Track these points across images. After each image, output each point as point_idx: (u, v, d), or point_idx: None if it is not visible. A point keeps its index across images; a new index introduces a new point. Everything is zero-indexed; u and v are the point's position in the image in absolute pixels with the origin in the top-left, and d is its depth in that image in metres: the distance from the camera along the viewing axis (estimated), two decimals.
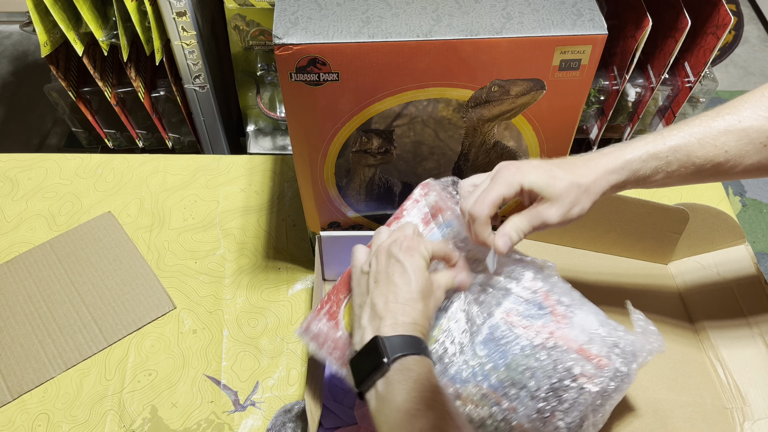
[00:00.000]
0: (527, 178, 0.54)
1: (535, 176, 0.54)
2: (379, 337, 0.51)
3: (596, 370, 0.55)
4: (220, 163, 1.02)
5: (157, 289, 0.86)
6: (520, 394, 0.56)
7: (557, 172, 0.54)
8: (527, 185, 0.54)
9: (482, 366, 0.57)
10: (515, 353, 0.56)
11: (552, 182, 0.53)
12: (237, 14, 1.07)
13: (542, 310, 0.57)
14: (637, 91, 1.26)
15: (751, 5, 2.30)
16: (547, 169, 0.54)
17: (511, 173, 0.54)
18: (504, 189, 0.54)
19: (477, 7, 0.59)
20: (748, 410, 0.70)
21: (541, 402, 0.55)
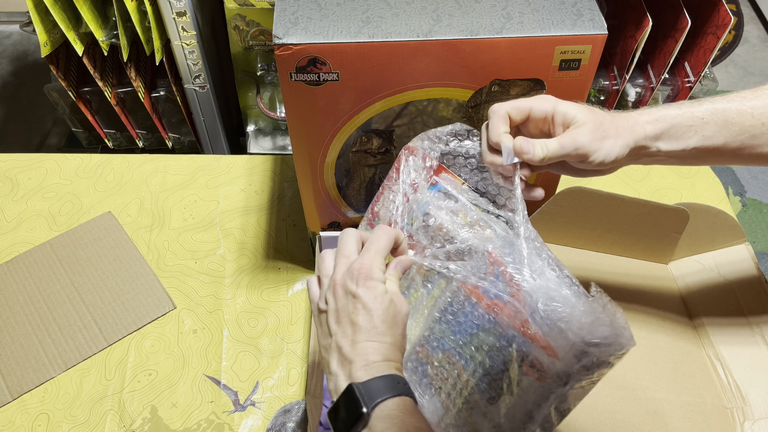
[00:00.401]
0: (561, 104, 0.53)
1: (571, 105, 0.53)
2: (354, 385, 0.48)
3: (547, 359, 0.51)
4: (220, 163, 1.02)
5: (157, 289, 0.86)
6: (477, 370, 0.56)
7: (594, 108, 0.53)
8: (561, 109, 0.52)
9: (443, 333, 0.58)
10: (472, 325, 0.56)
11: (587, 110, 0.52)
12: (237, 14, 1.07)
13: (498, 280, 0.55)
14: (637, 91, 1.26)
15: (751, 5, 2.30)
16: (586, 105, 0.53)
17: (545, 97, 0.53)
18: (535, 103, 0.53)
19: (477, 7, 0.59)
20: (748, 410, 0.70)
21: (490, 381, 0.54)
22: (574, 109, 0.52)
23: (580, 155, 0.52)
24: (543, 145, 0.52)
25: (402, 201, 0.61)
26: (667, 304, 0.82)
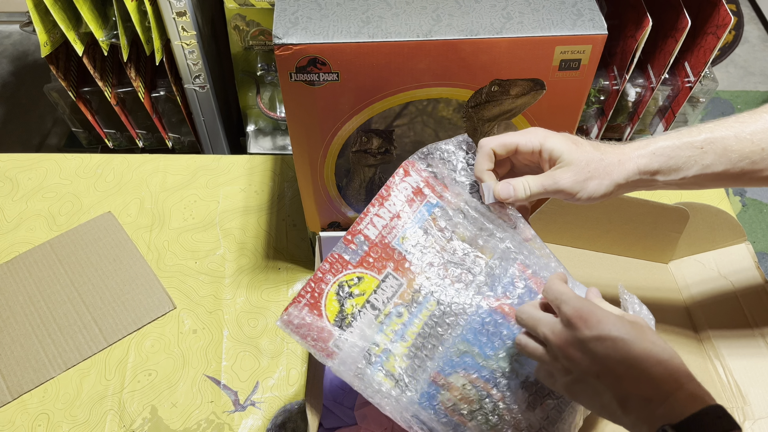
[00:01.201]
0: (549, 140, 0.52)
1: (558, 141, 0.52)
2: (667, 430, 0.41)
3: None
4: (220, 163, 1.02)
5: (157, 289, 0.86)
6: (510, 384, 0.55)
7: (583, 143, 0.52)
8: (548, 146, 0.52)
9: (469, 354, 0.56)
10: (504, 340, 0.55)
11: (574, 148, 0.51)
12: (237, 14, 1.07)
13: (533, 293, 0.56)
14: (637, 91, 1.26)
15: (751, 5, 2.30)
16: (574, 139, 0.53)
17: (535, 130, 0.53)
18: (522, 139, 0.53)
19: (477, 7, 0.59)
20: (748, 410, 0.70)
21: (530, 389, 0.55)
22: (561, 146, 0.52)
23: (564, 195, 0.53)
24: (525, 185, 0.53)
25: (392, 220, 0.59)
26: (667, 304, 0.82)
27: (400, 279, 0.57)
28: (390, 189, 0.59)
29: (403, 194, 0.59)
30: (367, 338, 0.56)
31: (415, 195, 0.59)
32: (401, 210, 0.59)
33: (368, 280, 0.58)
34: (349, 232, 0.58)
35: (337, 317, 0.57)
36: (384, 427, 0.70)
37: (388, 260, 0.58)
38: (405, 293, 0.57)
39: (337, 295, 0.57)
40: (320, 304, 0.57)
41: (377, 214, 0.58)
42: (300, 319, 0.56)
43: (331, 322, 0.56)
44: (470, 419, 0.56)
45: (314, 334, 0.56)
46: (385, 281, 0.57)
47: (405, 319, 0.56)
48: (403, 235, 0.58)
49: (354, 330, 0.56)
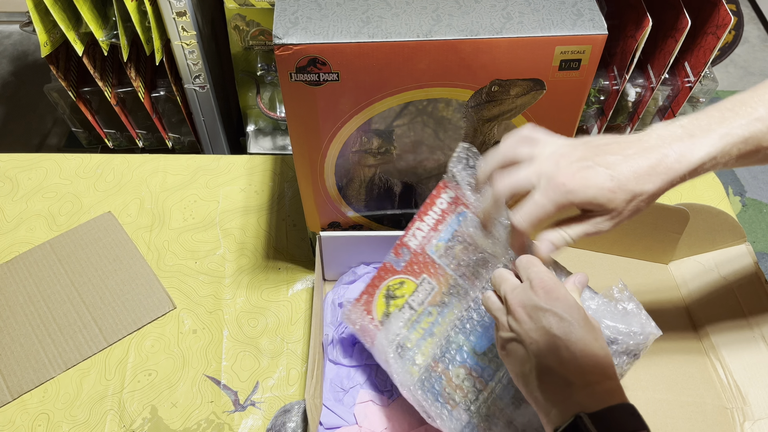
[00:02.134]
0: (583, 194, 0.47)
1: (594, 192, 0.47)
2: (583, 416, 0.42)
3: None
4: (220, 163, 1.02)
5: (157, 289, 0.86)
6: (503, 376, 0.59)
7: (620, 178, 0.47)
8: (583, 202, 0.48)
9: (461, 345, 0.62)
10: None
11: (612, 196, 0.47)
12: (237, 14, 1.07)
13: None
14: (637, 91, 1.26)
15: (751, 5, 2.30)
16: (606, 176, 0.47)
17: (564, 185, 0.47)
18: (552, 207, 0.48)
19: (477, 7, 0.59)
20: (748, 410, 0.70)
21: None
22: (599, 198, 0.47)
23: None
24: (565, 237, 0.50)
25: (429, 231, 0.66)
26: (668, 305, 0.82)
27: (433, 283, 0.65)
28: (428, 205, 0.66)
29: (439, 208, 0.66)
30: (398, 333, 0.65)
31: (448, 208, 0.65)
32: (437, 222, 0.66)
33: (408, 284, 0.67)
34: (397, 244, 0.68)
35: (383, 315, 0.68)
36: (384, 427, 0.70)
37: (425, 267, 0.66)
38: (436, 296, 0.65)
39: (385, 297, 0.68)
40: (371, 307, 0.69)
41: (418, 228, 0.67)
42: (357, 315, 0.70)
43: (378, 319, 0.68)
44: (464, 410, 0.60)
45: (364, 328, 0.69)
46: (421, 285, 0.66)
47: (434, 318, 0.64)
48: (437, 244, 0.65)
49: (394, 321, 0.66)
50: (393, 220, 0.80)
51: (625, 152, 0.48)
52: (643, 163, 0.47)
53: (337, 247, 0.79)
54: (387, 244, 0.78)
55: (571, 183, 0.47)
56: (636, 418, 0.43)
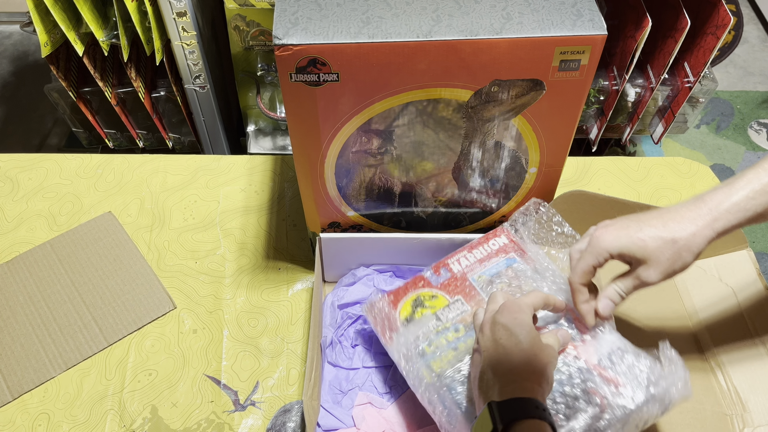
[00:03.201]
0: (614, 244, 0.54)
1: (624, 241, 0.54)
2: (492, 404, 0.49)
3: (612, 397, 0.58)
4: (221, 163, 1.02)
5: (158, 289, 0.86)
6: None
7: (648, 231, 0.53)
8: (616, 252, 0.54)
9: None
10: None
11: (642, 245, 0.53)
12: (237, 14, 1.07)
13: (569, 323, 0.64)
14: (636, 91, 1.26)
15: (750, 5, 2.30)
16: (637, 228, 0.54)
17: (598, 240, 0.55)
18: (592, 259, 0.56)
19: (477, 8, 0.59)
20: (748, 417, 0.70)
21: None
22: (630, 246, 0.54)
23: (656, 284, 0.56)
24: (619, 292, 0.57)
25: (475, 263, 0.71)
26: (668, 310, 0.81)
27: (466, 306, 0.68)
28: (481, 242, 0.73)
29: (491, 248, 0.72)
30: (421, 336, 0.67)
31: (500, 250, 0.72)
32: (486, 258, 0.72)
33: (441, 299, 0.70)
34: (438, 264, 0.72)
35: (406, 318, 0.69)
36: (382, 429, 0.70)
37: (462, 290, 0.70)
38: (466, 318, 0.67)
39: (413, 303, 0.70)
40: (399, 302, 0.71)
41: (465, 257, 0.72)
42: (380, 309, 0.71)
43: (400, 319, 0.70)
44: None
45: (384, 320, 0.70)
46: (454, 304, 0.69)
47: (461, 335, 0.66)
48: (479, 275, 0.70)
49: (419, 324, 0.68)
50: (393, 220, 0.80)
51: (662, 216, 0.54)
52: (675, 215, 0.53)
53: (338, 249, 0.79)
54: (387, 246, 0.79)
55: (606, 236, 0.55)
56: (539, 410, 0.49)
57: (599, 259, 0.56)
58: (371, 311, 0.72)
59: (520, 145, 0.69)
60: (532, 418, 0.48)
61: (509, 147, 0.69)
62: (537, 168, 0.72)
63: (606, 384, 0.58)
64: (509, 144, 0.69)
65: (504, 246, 0.72)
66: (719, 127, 1.90)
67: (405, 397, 0.73)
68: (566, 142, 0.69)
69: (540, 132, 0.67)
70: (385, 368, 0.75)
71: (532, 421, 0.48)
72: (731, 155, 1.84)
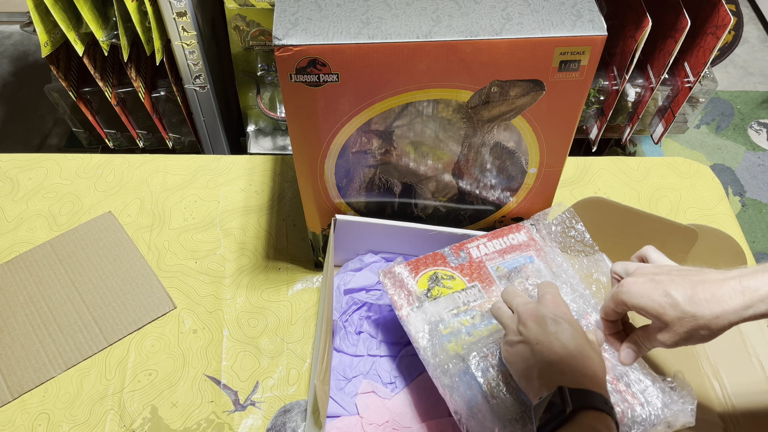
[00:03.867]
0: (637, 301, 0.55)
1: (646, 301, 0.54)
2: (564, 388, 0.50)
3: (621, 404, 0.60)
4: (221, 163, 1.02)
5: (158, 289, 0.87)
6: None
7: (674, 295, 0.52)
8: (636, 308, 0.56)
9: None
10: None
11: (662, 311, 0.53)
12: (237, 14, 1.07)
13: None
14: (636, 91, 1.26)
15: (750, 5, 2.30)
16: (663, 291, 0.53)
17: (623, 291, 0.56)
18: (611, 305, 0.59)
19: (477, 8, 0.59)
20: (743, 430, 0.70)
21: None
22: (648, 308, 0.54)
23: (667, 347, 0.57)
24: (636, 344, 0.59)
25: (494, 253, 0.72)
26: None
27: (484, 294, 0.69)
28: (503, 233, 0.74)
29: (511, 242, 0.73)
30: (439, 315, 0.67)
31: (520, 246, 0.73)
32: (505, 251, 0.72)
33: (458, 281, 0.70)
34: (457, 245, 0.72)
35: (424, 291, 0.69)
36: (385, 419, 0.70)
37: (479, 277, 0.70)
38: (483, 305, 0.68)
39: (430, 278, 0.70)
40: (418, 273, 0.70)
41: (484, 244, 0.72)
42: (398, 272, 0.70)
43: (417, 292, 0.69)
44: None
45: (402, 288, 0.69)
46: (471, 289, 0.69)
47: (476, 321, 0.66)
48: (498, 266, 0.71)
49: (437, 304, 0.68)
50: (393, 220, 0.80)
51: (694, 283, 0.52)
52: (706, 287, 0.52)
53: (351, 232, 0.78)
54: (400, 235, 0.78)
55: (631, 289, 0.56)
56: (608, 406, 0.50)
57: (621, 309, 0.58)
58: (389, 276, 0.71)
59: (520, 145, 0.69)
60: (601, 411, 0.49)
61: (509, 147, 0.69)
62: (537, 168, 0.72)
63: (622, 401, 0.60)
64: (509, 144, 0.69)
65: (524, 243, 0.73)
66: (719, 127, 1.90)
67: (409, 389, 0.73)
68: (566, 143, 0.69)
69: (540, 132, 0.67)
70: (390, 358, 0.75)
71: (600, 413, 0.49)
72: (731, 155, 1.84)
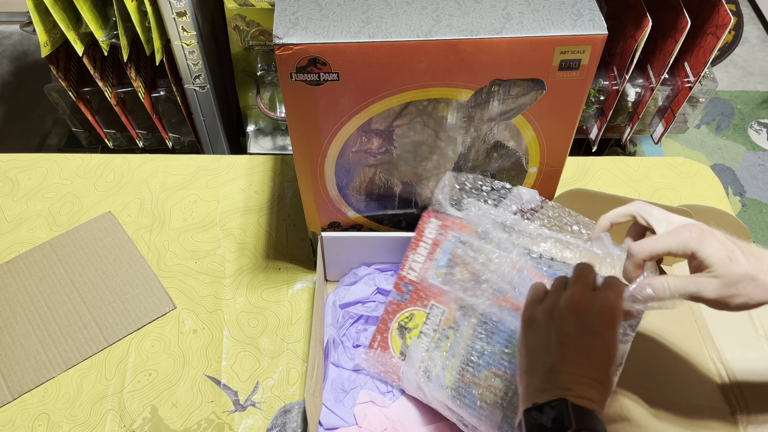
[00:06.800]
0: (705, 249, 0.50)
1: (714, 252, 0.50)
2: (569, 402, 0.47)
3: None
4: (220, 163, 1.02)
5: (158, 289, 0.86)
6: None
7: (739, 257, 0.50)
8: (701, 257, 0.50)
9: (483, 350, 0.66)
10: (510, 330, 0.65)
11: (728, 263, 0.50)
12: (237, 14, 1.07)
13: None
14: (636, 91, 1.26)
15: (751, 5, 2.30)
16: (730, 252, 0.50)
17: (691, 235, 0.51)
18: (675, 245, 0.51)
19: (477, 7, 0.59)
20: (752, 414, 0.70)
21: None
22: (715, 257, 0.50)
23: (706, 303, 0.51)
24: (665, 286, 0.52)
25: (425, 262, 0.71)
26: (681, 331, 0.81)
27: (442, 307, 0.69)
28: (417, 239, 0.72)
29: (429, 239, 0.71)
30: (422, 359, 0.68)
31: (438, 237, 0.71)
32: (430, 252, 0.71)
33: (418, 315, 0.70)
34: (396, 282, 0.72)
35: (401, 350, 0.71)
36: (384, 427, 0.70)
37: (430, 295, 0.70)
38: (448, 318, 0.68)
39: (399, 333, 0.71)
40: (388, 345, 0.72)
41: (414, 260, 0.72)
42: (376, 359, 0.72)
43: (397, 355, 0.71)
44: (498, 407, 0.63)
45: (386, 367, 0.71)
46: (432, 311, 0.70)
47: (452, 341, 0.67)
48: (436, 271, 0.70)
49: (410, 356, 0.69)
50: (393, 220, 0.80)
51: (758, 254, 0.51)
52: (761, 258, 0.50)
53: (339, 248, 0.79)
54: (389, 245, 0.79)
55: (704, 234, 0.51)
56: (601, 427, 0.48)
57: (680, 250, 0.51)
58: (369, 364, 0.73)
59: (520, 145, 0.69)
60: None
61: (509, 147, 0.69)
62: (537, 168, 0.72)
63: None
64: (509, 144, 0.69)
65: (439, 229, 0.70)
66: (719, 127, 1.90)
67: (407, 396, 0.73)
68: (566, 142, 0.69)
69: (540, 132, 0.67)
70: None
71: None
72: (731, 155, 1.84)
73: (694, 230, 0.51)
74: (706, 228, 0.52)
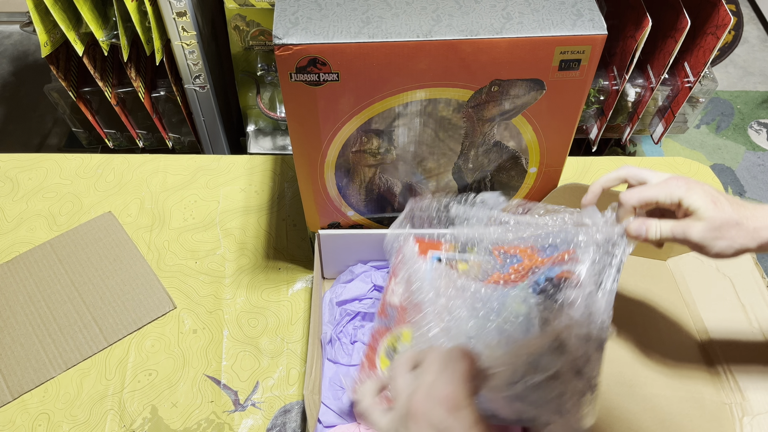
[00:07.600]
0: (690, 196, 0.54)
1: (698, 197, 0.53)
2: None
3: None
4: (220, 163, 1.02)
5: (158, 289, 0.86)
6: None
7: (723, 203, 0.53)
8: (686, 204, 0.54)
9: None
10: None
11: (712, 207, 0.53)
12: (237, 14, 1.07)
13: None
14: (636, 91, 1.26)
15: (750, 5, 2.30)
16: (714, 197, 0.54)
17: (677, 185, 0.55)
18: (662, 194, 0.55)
19: (477, 8, 0.59)
20: (747, 405, 0.71)
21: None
22: (699, 202, 0.53)
23: (692, 246, 0.55)
24: (657, 228, 0.56)
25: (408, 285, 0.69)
26: (666, 301, 0.82)
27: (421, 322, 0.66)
28: (398, 264, 0.71)
29: (410, 262, 0.70)
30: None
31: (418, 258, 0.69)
32: (412, 274, 0.69)
33: (406, 333, 0.69)
34: (379, 309, 0.72)
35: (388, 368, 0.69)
36: None
37: (416, 314, 0.67)
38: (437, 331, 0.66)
39: (387, 356, 0.70)
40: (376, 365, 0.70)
41: (397, 283, 0.71)
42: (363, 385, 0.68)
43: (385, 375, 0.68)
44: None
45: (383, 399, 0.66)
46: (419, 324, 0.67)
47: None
48: (420, 293, 0.68)
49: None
50: (393, 220, 0.80)
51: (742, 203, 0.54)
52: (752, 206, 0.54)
53: (336, 246, 0.79)
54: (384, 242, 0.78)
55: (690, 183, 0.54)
56: None
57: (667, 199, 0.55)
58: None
59: (520, 145, 0.69)
60: None
61: (509, 147, 0.69)
62: (537, 168, 0.72)
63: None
64: (509, 144, 0.69)
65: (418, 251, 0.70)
66: (719, 127, 1.90)
67: None
68: (566, 142, 0.69)
69: (540, 132, 0.67)
70: None
71: None
72: (731, 155, 1.84)
73: (680, 180, 0.55)
74: (693, 180, 0.56)
